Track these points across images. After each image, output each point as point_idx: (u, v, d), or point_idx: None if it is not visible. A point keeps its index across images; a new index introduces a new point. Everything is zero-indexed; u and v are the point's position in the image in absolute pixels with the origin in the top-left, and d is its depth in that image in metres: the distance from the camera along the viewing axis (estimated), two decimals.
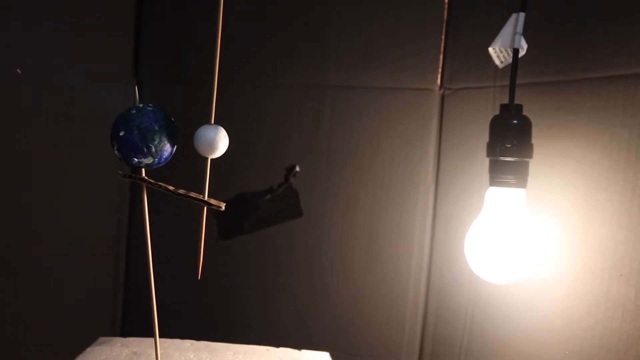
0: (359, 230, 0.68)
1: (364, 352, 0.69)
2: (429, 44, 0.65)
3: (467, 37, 0.62)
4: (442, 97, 0.65)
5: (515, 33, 0.52)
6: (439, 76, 0.65)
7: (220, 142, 0.43)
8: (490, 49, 0.54)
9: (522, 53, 0.53)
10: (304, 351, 0.58)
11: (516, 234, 0.52)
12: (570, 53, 0.55)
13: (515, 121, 0.52)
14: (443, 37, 0.65)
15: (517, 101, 0.55)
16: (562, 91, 0.56)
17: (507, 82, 0.59)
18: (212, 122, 0.44)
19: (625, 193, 0.51)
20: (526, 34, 0.58)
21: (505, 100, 0.54)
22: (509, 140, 0.51)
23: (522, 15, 0.52)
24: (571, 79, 0.55)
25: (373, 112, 0.67)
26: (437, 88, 0.65)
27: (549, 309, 0.56)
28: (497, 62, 0.54)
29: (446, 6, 0.64)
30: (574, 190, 0.55)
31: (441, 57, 0.65)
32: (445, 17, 0.64)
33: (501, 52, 0.54)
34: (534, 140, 0.57)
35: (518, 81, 0.58)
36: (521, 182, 0.51)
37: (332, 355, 0.58)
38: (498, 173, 0.52)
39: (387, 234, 0.67)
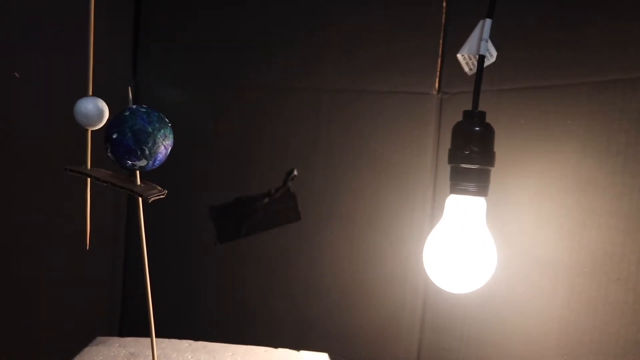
0: (356, 234, 0.68)
1: (361, 356, 0.68)
2: (427, 48, 0.65)
3: (464, 41, 0.62)
4: (440, 101, 0.65)
5: (481, 39, 0.51)
6: (437, 80, 0.65)
7: (96, 113, 0.43)
8: (459, 56, 0.52)
9: (491, 60, 0.52)
10: (302, 352, 0.58)
11: (473, 244, 0.51)
12: (568, 58, 0.55)
13: (477, 128, 0.50)
14: (441, 41, 0.65)
15: (515, 106, 0.55)
16: (560, 96, 0.56)
17: (505, 87, 0.59)
18: (90, 93, 0.44)
19: (622, 197, 0.51)
20: (524, 39, 0.58)
21: (504, 104, 0.53)
22: (469, 147, 0.49)
23: (488, 21, 0.51)
24: (569, 83, 0.55)
25: (371, 116, 0.67)
26: (435, 92, 0.65)
27: (546, 313, 0.56)
28: (466, 69, 0.53)
29: (444, 10, 0.65)
30: (572, 194, 0.55)
31: (439, 61, 0.65)
32: (443, 21, 0.65)
33: (470, 59, 0.53)
34: (532, 145, 0.57)
35: (517, 85, 0.58)
36: (482, 190, 0.50)
37: (330, 358, 0.58)
38: (458, 180, 0.50)
39: (385, 237, 0.67)
